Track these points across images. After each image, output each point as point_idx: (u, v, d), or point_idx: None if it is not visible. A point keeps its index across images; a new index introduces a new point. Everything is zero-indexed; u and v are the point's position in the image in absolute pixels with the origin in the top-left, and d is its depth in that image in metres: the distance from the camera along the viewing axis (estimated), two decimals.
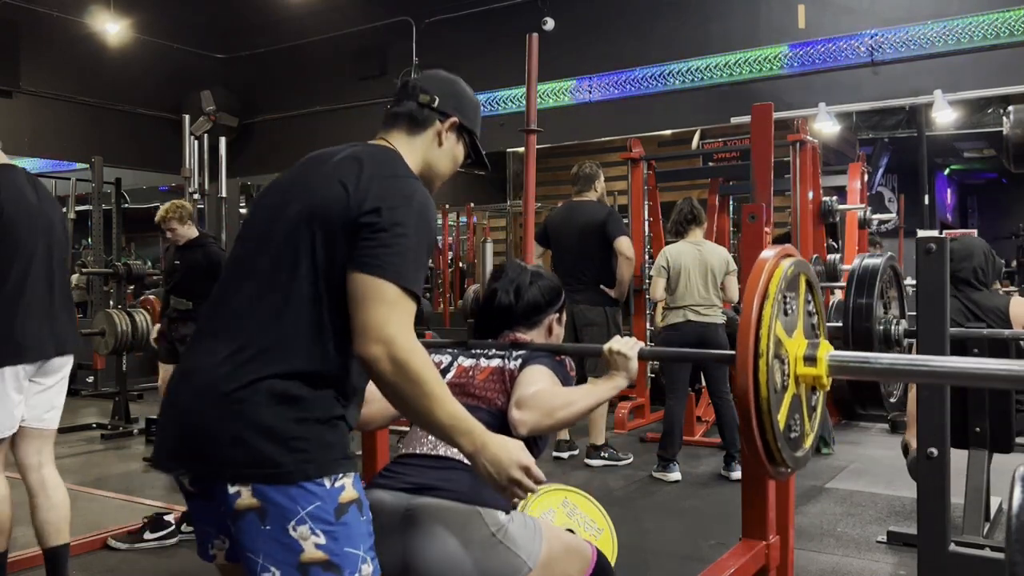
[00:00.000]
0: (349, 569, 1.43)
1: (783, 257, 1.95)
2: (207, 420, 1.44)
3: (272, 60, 9.73)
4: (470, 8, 8.26)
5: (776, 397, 1.79)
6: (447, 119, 1.73)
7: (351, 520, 1.45)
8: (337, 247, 1.48)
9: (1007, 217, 11.64)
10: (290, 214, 1.53)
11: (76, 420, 6.74)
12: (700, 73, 7.32)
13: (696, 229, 5.07)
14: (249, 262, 1.57)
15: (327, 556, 1.41)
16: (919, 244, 2.34)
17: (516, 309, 2.10)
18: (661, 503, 4.42)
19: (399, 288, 1.44)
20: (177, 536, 3.77)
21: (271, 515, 1.40)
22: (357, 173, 1.52)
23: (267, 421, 1.42)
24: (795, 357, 1.86)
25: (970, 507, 3.30)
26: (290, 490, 1.40)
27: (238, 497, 1.41)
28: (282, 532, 1.40)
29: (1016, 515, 1.16)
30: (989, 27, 6.16)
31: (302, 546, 1.40)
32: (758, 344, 1.76)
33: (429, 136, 1.71)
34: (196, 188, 6.27)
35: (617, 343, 1.94)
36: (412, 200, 1.51)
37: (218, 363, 1.46)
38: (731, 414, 4.81)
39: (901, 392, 2.75)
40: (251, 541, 1.42)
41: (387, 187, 1.51)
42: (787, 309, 1.89)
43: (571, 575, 1.81)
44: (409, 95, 1.72)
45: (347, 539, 1.44)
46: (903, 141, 10.57)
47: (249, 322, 1.49)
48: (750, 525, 2.48)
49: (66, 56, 8.89)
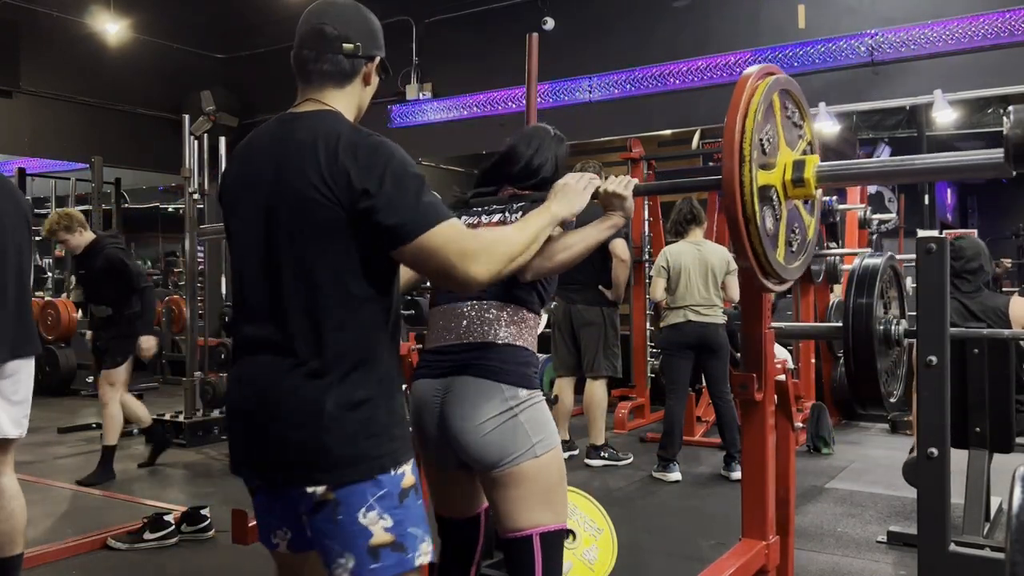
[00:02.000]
0: (412, 548, 1.55)
1: (765, 75, 2.12)
2: (280, 429, 1.54)
3: (272, 60, 9.70)
4: (470, 8, 8.26)
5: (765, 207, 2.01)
6: (373, 61, 1.69)
7: (411, 503, 1.57)
8: (349, 240, 1.52)
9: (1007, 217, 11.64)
10: (281, 220, 1.55)
11: (76, 420, 6.74)
12: (700, 73, 7.31)
13: (696, 229, 5.07)
14: (265, 271, 1.58)
15: (394, 537, 1.53)
16: (919, 244, 2.33)
17: (532, 168, 2.13)
18: (661, 503, 4.42)
19: (437, 227, 1.50)
20: (177, 536, 3.77)
21: (344, 507, 1.52)
22: (327, 166, 1.50)
23: (338, 427, 1.51)
24: (783, 164, 2.08)
25: (970, 507, 3.30)
26: (359, 484, 1.52)
27: (314, 496, 1.52)
28: (353, 521, 1.51)
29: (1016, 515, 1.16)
30: (989, 27, 6.15)
31: (372, 531, 1.52)
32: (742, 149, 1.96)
33: (358, 82, 1.68)
34: (196, 188, 6.27)
35: (612, 184, 1.93)
36: (382, 156, 1.51)
37: (284, 372, 1.53)
38: (731, 414, 4.81)
39: (901, 392, 2.74)
40: (326, 531, 1.54)
41: (359, 163, 1.50)
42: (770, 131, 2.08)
43: (552, 507, 1.89)
44: (331, 47, 1.63)
45: (409, 520, 1.55)
46: (903, 141, 10.57)
47: (298, 331, 1.54)
48: (750, 525, 2.48)
49: (66, 56, 8.88)
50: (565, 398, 5.16)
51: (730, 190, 1.97)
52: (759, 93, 2.06)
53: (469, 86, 8.38)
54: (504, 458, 1.84)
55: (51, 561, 3.50)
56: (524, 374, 1.91)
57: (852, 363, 2.49)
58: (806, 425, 5.48)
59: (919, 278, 2.33)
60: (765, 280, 2.15)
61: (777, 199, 2.10)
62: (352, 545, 1.52)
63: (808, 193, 2.13)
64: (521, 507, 1.86)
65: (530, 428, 1.87)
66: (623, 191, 1.93)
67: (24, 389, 2.75)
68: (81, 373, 8.25)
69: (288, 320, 1.54)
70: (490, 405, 1.85)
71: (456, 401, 1.88)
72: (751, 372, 2.39)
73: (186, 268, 6.57)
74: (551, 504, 1.89)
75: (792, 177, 2.10)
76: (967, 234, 4.19)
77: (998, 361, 3.09)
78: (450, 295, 1.98)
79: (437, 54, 8.51)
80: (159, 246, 13.18)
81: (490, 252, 1.54)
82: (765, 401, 2.42)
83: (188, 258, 6.39)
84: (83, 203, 9.72)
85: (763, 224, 2.03)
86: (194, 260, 6.37)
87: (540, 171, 2.14)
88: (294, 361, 1.53)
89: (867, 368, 2.46)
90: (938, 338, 2.30)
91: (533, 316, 2.00)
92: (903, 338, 2.55)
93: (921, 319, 2.33)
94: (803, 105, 2.29)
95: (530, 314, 1.99)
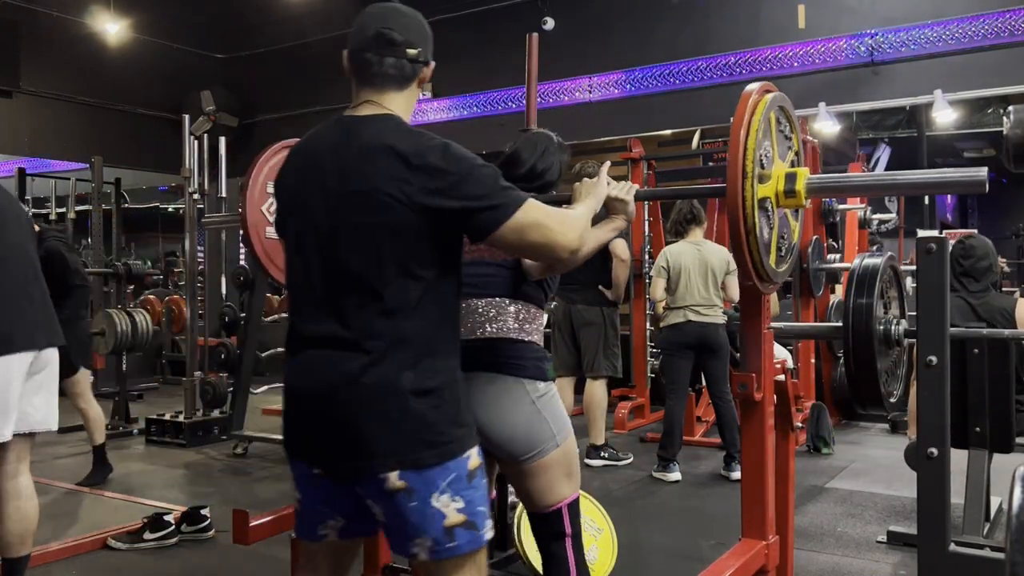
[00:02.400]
0: (481, 525, 1.66)
1: (764, 93, 2.27)
2: (351, 417, 1.59)
3: (272, 60, 9.72)
4: (470, 8, 8.26)
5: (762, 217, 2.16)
6: (429, 66, 1.79)
7: (478, 484, 1.66)
8: (419, 238, 1.60)
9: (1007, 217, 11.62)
10: (348, 220, 1.62)
11: (76, 420, 6.72)
12: (700, 73, 7.32)
13: (696, 229, 5.07)
14: (330, 269, 1.65)
15: (466, 517, 1.63)
16: (919, 244, 2.34)
17: (537, 172, 2.22)
18: (661, 503, 4.42)
19: (522, 209, 1.62)
20: (177, 536, 3.77)
21: (417, 492, 1.59)
22: (400, 169, 1.59)
23: (410, 414, 1.58)
24: (776, 176, 2.23)
25: (970, 507, 3.30)
26: (431, 470, 1.59)
27: (386, 482, 1.59)
28: (428, 504, 1.59)
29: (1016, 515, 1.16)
30: (989, 27, 6.15)
31: (445, 513, 1.60)
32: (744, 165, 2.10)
33: (415, 85, 1.77)
34: (196, 188, 6.27)
35: (615, 189, 2.02)
36: (454, 155, 1.61)
37: (354, 364, 1.59)
38: (731, 414, 4.81)
39: (901, 392, 2.74)
40: (400, 516, 1.61)
41: (435, 165, 1.59)
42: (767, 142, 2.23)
43: (572, 481, 2.09)
44: (394, 51, 1.71)
45: (478, 500, 1.65)
46: (903, 141, 10.56)
47: (366, 325, 1.61)
48: (750, 525, 2.48)
49: (66, 56, 8.88)
50: (565, 398, 5.16)
51: (734, 204, 2.12)
52: (759, 111, 2.20)
53: (469, 86, 8.38)
54: (531, 451, 2.00)
55: (51, 561, 3.50)
56: (540, 367, 2.06)
57: (852, 363, 2.50)
58: (806, 425, 5.48)
59: (919, 278, 2.33)
60: (760, 284, 2.29)
61: (771, 209, 2.24)
62: (428, 527, 1.60)
63: (799, 203, 2.26)
64: (548, 489, 2.04)
65: (551, 420, 2.03)
66: (625, 196, 2.03)
67: (56, 380, 2.82)
68: None
69: (355, 315, 1.61)
70: (516, 401, 1.99)
71: (482, 397, 1.98)
72: (751, 372, 2.39)
73: (186, 268, 6.57)
74: (571, 478, 2.09)
75: (784, 189, 2.24)
76: (967, 234, 4.18)
77: (998, 361, 3.09)
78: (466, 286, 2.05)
79: (437, 54, 8.43)
80: (159, 246, 13.17)
81: (574, 225, 1.69)
82: (765, 401, 2.42)
83: (188, 258, 6.39)
84: (83, 203, 9.72)
85: (760, 234, 2.16)
86: (194, 260, 6.37)
87: (544, 175, 2.23)
88: (362, 353, 1.59)
89: (867, 368, 2.46)
90: (938, 338, 2.30)
91: (540, 312, 2.12)
92: (903, 338, 2.55)
93: (921, 319, 2.33)
94: (793, 118, 2.43)
95: (537, 310, 2.12)
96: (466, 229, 1.64)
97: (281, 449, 1.82)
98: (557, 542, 2.08)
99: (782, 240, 2.34)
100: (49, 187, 10.18)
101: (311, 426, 1.66)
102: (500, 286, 2.05)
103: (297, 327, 1.71)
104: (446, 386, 1.64)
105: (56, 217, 10.20)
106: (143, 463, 5.46)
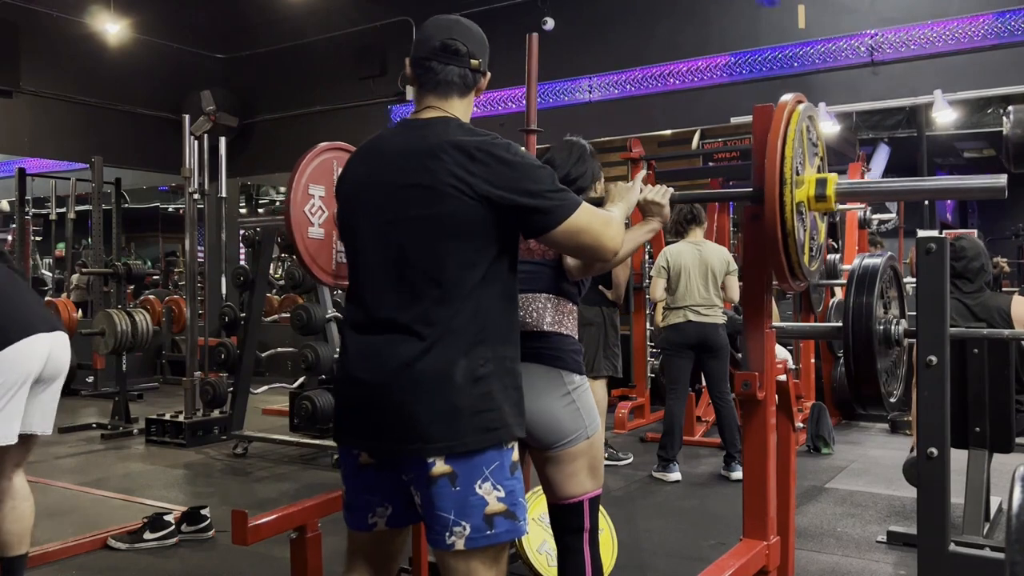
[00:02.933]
0: (521, 516, 1.72)
1: (797, 103, 2.36)
2: (402, 400, 1.65)
3: (272, 60, 9.72)
4: (470, 8, 8.25)
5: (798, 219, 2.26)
6: (486, 76, 1.88)
7: (518, 475, 1.73)
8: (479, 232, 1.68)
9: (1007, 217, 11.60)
10: (412, 214, 1.70)
11: (76, 420, 6.74)
12: (700, 73, 7.32)
13: (696, 229, 5.07)
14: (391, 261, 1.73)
15: (506, 507, 1.68)
16: (919, 244, 2.34)
17: (569, 178, 2.28)
18: (661, 503, 4.42)
19: (577, 212, 1.71)
20: (177, 536, 3.77)
21: (461, 478, 1.64)
22: (465, 165, 1.67)
23: (459, 399, 1.64)
24: (808, 182, 2.33)
25: (970, 507, 3.30)
26: (476, 457, 1.65)
27: (432, 467, 1.64)
28: (471, 491, 1.65)
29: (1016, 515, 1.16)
30: (989, 27, 6.16)
31: (487, 500, 1.66)
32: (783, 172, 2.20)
33: (473, 93, 1.87)
34: (196, 188, 6.27)
35: (650, 193, 2.12)
36: (517, 155, 1.70)
37: (409, 349, 1.66)
38: (731, 414, 4.81)
39: (901, 392, 2.74)
40: (443, 501, 1.65)
41: (499, 162, 1.68)
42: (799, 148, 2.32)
43: (596, 476, 2.16)
44: (459, 60, 1.80)
45: (519, 491, 1.72)
46: (903, 141, 10.55)
47: (423, 313, 1.67)
48: (750, 525, 2.48)
49: (66, 56, 8.88)
50: None
51: (772, 209, 2.22)
52: (795, 121, 2.29)
53: None
54: (563, 439, 2.09)
55: (51, 561, 3.50)
56: (576, 360, 2.17)
57: (852, 363, 2.49)
58: (806, 425, 5.49)
59: (919, 278, 2.33)
60: (794, 282, 2.39)
61: (804, 212, 2.36)
62: (469, 514, 1.65)
63: (829, 207, 2.37)
64: (573, 479, 2.12)
65: (584, 412, 2.12)
66: (661, 199, 2.13)
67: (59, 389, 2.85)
68: (81, 373, 8.25)
69: (413, 303, 1.68)
70: (555, 391, 2.09)
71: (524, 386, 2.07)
72: (753, 371, 2.39)
73: (186, 268, 6.57)
74: (595, 473, 2.16)
75: (816, 193, 2.34)
76: (967, 234, 4.19)
77: (998, 361, 3.09)
78: None
79: None
80: (159, 246, 13.18)
81: (619, 229, 1.82)
82: (766, 401, 2.42)
83: (188, 258, 6.39)
84: (83, 203, 9.72)
85: (798, 236, 2.28)
86: (194, 260, 6.37)
87: (578, 181, 2.33)
88: (418, 339, 1.65)
89: (867, 368, 2.46)
90: (938, 338, 2.30)
91: (575, 307, 2.24)
92: (903, 338, 2.55)
93: (921, 319, 2.33)
94: (819, 126, 2.55)
95: (573, 306, 2.23)
96: (523, 224, 1.72)
97: (281, 449, 1.83)
98: (574, 535, 2.15)
99: (812, 241, 2.44)
100: (49, 187, 10.19)
101: (364, 409, 1.72)
102: (542, 282, 2.16)
103: (357, 314, 1.78)
104: (496, 375, 1.68)
105: (56, 217, 10.22)
106: (143, 463, 5.47)
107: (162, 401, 7.85)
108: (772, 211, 2.22)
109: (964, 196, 3.39)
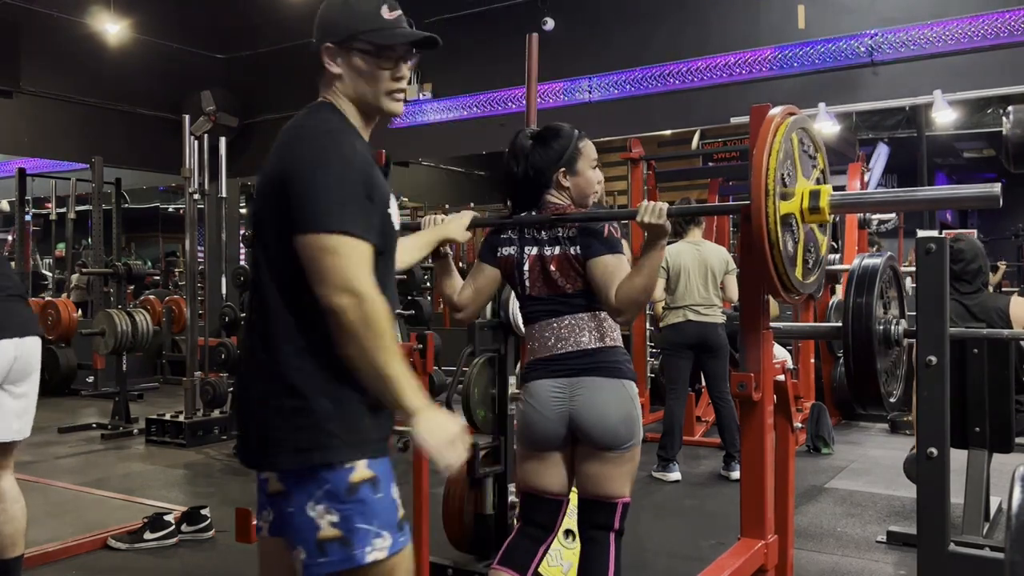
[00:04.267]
0: (361, 543, 1.52)
1: (786, 116, 2.37)
2: (244, 416, 1.65)
3: (272, 60, 9.72)
4: (470, 8, 8.26)
5: (785, 232, 2.28)
6: (320, 53, 1.72)
7: (366, 497, 1.53)
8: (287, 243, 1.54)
9: (1007, 217, 11.60)
10: None
11: (76, 420, 6.74)
12: (700, 73, 7.32)
13: (695, 229, 5.07)
14: None
15: (341, 533, 1.51)
16: (919, 244, 2.34)
17: (530, 177, 2.33)
18: (661, 503, 4.42)
19: (336, 234, 1.48)
20: (177, 536, 3.77)
21: (292, 498, 1.54)
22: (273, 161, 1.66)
23: (276, 416, 1.54)
24: (801, 193, 2.35)
25: (970, 507, 3.30)
26: (303, 476, 1.52)
27: (267, 482, 1.60)
28: (303, 513, 1.52)
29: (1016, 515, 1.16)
30: (989, 27, 6.16)
31: (320, 524, 1.51)
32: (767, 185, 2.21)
33: (328, 75, 1.72)
34: (196, 188, 6.27)
35: (647, 215, 2.16)
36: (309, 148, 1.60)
37: (247, 362, 1.64)
38: (731, 414, 4.81)
39: (901, 392, 2.74)
40: (283, 521, 1.57)
41: (286, 154, 1.62)
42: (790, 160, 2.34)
43: (631, 484, 2.27)
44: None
45: (360, 516, 1.52)
46: (903, 141, 10.56)
47: (255, 324, 1.61)
48: (748, 524, 2.48)
49: (66, 56, 8.88)
50: None
51: (758, 221, 2.23)
52: (780, 133, 2.31)
53: (469, 86, 8.38)
54: (624, 443, 2.21)
55: (51, 561, 3.50)
56: (631, 370, 2.28)
57: (852, 363, 2.50)
58: (806, 425, 5.48)
59: (919, 278, 2.33)
60: (786, 295, 2.39)
61: (796, 224, 2.36)
62: (302, 538, 1.53)
63: (823, 219, 2.39)
64: (616, 481, 2.24)
65: (638, 419, 2.25)
66: (658, 220, 2.16)
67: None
68: (81, 373, 8.25)
69: (254, 318, 1.62)
70: (622, 400, 2.22)
71: (591, 397, 2.21)
72: (750, 372, 2.39)
73: (186, 268, 6.57)
74: (631, 481, 2.28)
75: (809, 206, 2.36)
76: (965, 235, 4.19)
77: (998, 361, 3.09)
78: (546, 311, 2.26)
79: (437, 54, 8.45)
80: (159, 246, 13.19)
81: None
82: (764, 401, 2.42)
83: (188, 258, 6.39)
84: (83, 203, 9.73)
85: (785, 248, 2.28)
86: (194, 260, 6.37)
87: (541, 177, 2.32)
88: (253, 353, 1.61)
89: (867, 368, 2.46)
90: (938, 338, 2.30)
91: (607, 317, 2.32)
92: (903, 338, 2.55)
93: (921, 319, 2.33)
94: (817, 139, 2.56)
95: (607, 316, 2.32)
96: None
97: None
98: (604, 531, 2.25)
99: (808, 253, 2.45)
100: (49, 187, 10.20)
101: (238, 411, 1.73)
102: (578, 307, 2.25)
103: None
104: (316, 390, 1.52)
105: (56, 217, 10.22)
106: (143, 463, 5.47)
107: (162, 401, 7.85)
108: (758, 224, 2.24)
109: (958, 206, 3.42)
